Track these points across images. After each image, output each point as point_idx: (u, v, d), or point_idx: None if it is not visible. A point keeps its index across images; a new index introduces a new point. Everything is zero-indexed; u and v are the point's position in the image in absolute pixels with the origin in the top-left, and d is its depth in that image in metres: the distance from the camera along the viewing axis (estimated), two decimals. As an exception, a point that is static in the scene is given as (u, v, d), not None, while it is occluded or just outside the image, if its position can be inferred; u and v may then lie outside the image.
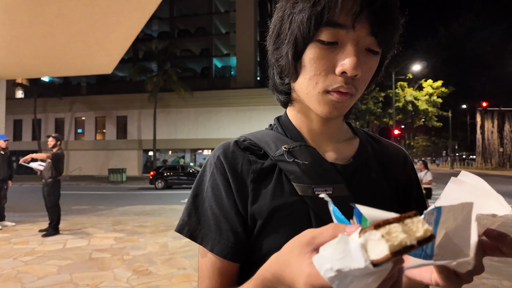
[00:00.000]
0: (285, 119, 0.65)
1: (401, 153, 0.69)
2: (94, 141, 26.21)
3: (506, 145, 41.97)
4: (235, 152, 0.60)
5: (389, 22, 0.50)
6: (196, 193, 0.60)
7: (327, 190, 0.55)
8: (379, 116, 29.24)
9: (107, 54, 5.20)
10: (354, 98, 0.54)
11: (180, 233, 0.59)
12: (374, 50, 0.51)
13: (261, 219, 0.55)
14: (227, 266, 0.56)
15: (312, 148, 0.59)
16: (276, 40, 0.57)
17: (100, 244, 5.07)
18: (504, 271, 4.10)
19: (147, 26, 28.00)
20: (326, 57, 0.51)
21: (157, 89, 21.87)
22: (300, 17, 0.50)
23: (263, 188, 0.57)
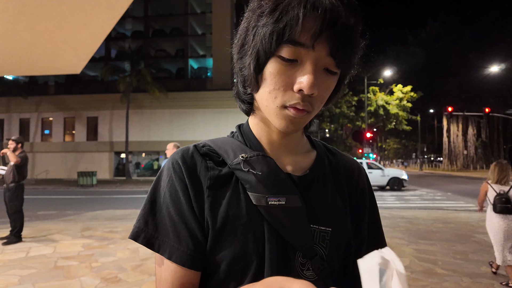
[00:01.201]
0: (246, 128, 0.66)
1: (356, 165, 0.71)
2: (63, 142, 25.08)
3: (470, 148, 44.42)
4: (194, 157, 0.60)
5: (348, 45, 0.51)
6: (153, 199, 0.58)
7: (280, 200, 0.55)
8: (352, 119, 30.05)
9: (76, 54, 5.00)
10: (311, 115, 0.56)
11: (135, 241, 0.57)
12: (332, 70, 0.53)
13: (215, 227, 0.55)
14: (186, 274, 0.55)
15: (270, 158, 0.59)
16: (240, 49, 0.57)
17: (67, 251, 4.86)
18: (465, 268, 4.32)
19: (120, 25, 27.23)
20: (285, 73, 0.52)
21: (130, 89, 21.31)
22: (263, 31, 0.51)
23: (219, 196, 0.57)
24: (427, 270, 4.25)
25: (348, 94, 29.32)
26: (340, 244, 0.59)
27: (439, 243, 5.63)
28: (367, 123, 26.67)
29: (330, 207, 0.60)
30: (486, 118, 40.90)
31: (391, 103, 29.23)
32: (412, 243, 5.65)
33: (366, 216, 0.67)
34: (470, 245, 5.49)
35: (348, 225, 0.62)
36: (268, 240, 0.54)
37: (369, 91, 28.76)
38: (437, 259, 4.71)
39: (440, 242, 5.73)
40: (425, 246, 5.45)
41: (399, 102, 29.43)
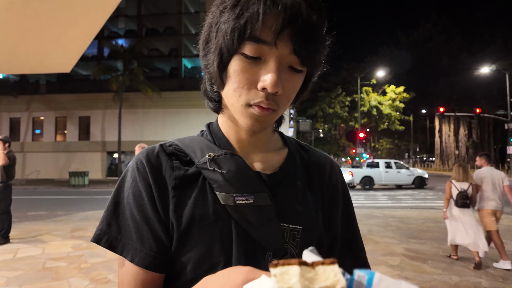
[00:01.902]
0: (215, 126, 0.65)
1: (328, 161, 0.71)
2: (54, 142, 24.79)
3: (461, 148, 44.99)
4: (159, 157, 0.58)
5: (312, 43, 0.50)
6: (117, 200, 0.57)
7: (248, 199, 0.54)
8: (345, 119, 30.24)
9: (65, 52, 4.94)
10: (277, 113, 0.55)
11: (98, 244, 0.55)
12: (297, 68, 0.52)
13: (181, 228, 0.54)
14: (150, 277, 0.53)
15: (238, 156, 0.58)
16: (205, 46, 0.57)
17: (56, 252, 4.80)
18: (454, 268, 4.37)
19: (113, 24, 27.01)
20: (249, 71, 0.51)
21: (123, 88, 21.11)
22: (225, 28, 0.51)
23: (185, 196, 0.56)
24: (417, 269, 4.29)
25: (341, 94, 29.50)
26: (311, 242, 0.58)
27: (429, 242, 5.68)
28: (360, 123, 26.85)
29: (300, 205, 0.59)
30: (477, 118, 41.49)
31: (384, 104, 29.48)
32: (403, 242, 5.70)
33: (339, 212, 0.66)
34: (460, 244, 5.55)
35: (320, 222, 0.62)
36: (236, 239, 0.53)
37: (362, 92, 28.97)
38: (427, 258, 4.75)
39: (430, 241, 5.79)
40: (416, 245, 5.50)
41: (391, 102, 29.70)
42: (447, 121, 45.24)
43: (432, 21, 48.37)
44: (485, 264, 4.45)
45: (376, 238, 5.97)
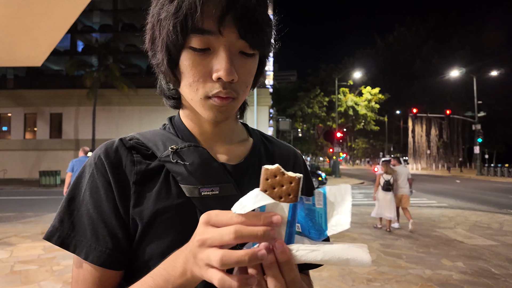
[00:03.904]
0: (178, 120, 0.64)
1: (292, 152, 0.72)
2: (23, 140, 23.60)
3: (432, 148, 46.94)
4: (119, 152, 0.57)
5: (256, 25, 0.50)
6: (72, 196, 0.55)
7: (213, 190, 0.54)
8: (323, 119, 30.73)
9: (36, 45, 4.71)
10: (237, 100, 0.54)
11: (49, 241, 0.53)
12: (248, 52, 0.52)
13: (143, 223, 0.52)
14: (105, 274, 0.52)
15: (202, 148, 0.58)
16: (152, 46, 0.56)
17: (25, 255, 4.57)
18: (427, 261, 4.55)
19: (87, 17, 26.06)
20: (201, 63, 0.51)
21: (97, 85, 20.41)
22: (166, 24, 0.50)
23: (147, 190, 0.54)
24: (392, 264, 4.42)
25: (320, 95, 29.96)
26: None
27: (403, 238, 5.88)
28: (337, 123, 27.38)
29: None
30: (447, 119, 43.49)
31: (360, 104, 30.20)
32: (379, 238, 5.87)
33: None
34: (432, 239, 5.78)
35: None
36: None
37: (340, 92, 29.54)
38: (401, 253, 4.91)
39: (404, 237, 5.99)
40: (391, 241, 5.68)
41: (367, 103, 30.47)
42: (419, 122, 47.07)
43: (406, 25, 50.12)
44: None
45: (354, 234, 6.10)
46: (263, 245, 0.38)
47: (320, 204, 0.42)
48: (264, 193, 0.41)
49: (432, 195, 13.77)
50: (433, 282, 3.78)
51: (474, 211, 9.18)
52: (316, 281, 3.75)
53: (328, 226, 0.41)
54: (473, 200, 11.84)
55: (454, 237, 5.93)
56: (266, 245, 0.38)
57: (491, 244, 5.44)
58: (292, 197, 0.40)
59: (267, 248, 0.38)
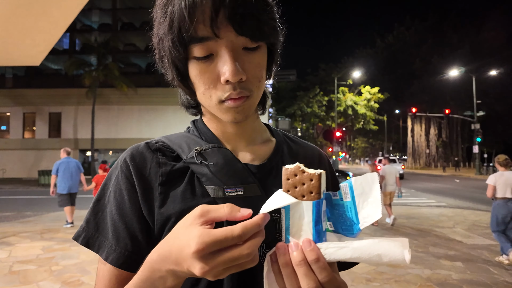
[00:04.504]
0: (200, 122, 0.65)
1: (316, 152, 0.72)
2: (22, 139, 23.56)
3: (432, 147, 46.98)
4: (144, 154, 0.58)
5: (251, 16, 0.48)
6: (99, 198, 0.57)
7: (238, 191, 0.54)
8: (323, 119, 30.74)
9: (34, 45, 4.71)
10: (253, 97, 0.54)
11: (76, 241, 0.55)
12: (252, 47, 0.51)
13: (170, 223, 0.53)
14: (123, 275, 0.53)
15: (226, 149, 0.59)
16: (162, 64, 0.57)
17: (24, 255, 4.56)
18: (426, 261, 4.55)
19: (86, 16, 26.00)
20: (208, 71, 0.51)
21: (97, 84, 20.38)
22: (166, 41, 0.51)
23: (173, 191, 0.55)
24: (391, 264, 4.42)
25: (319, 94, 29.96)
26: None
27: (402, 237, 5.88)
28: (337, 122, 27.39)
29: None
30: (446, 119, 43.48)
31: (359, 104, 30.21)
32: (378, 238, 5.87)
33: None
34: (431, 239, 5.79)
35: None
36: None
37: (339, 92, 29.54)
38: (400, 253, 4.91)
39: (403, 236, 5.97)
40: (390, 240, 5.68)
41: (367, 102, 30.48)
42: (418, 121, 47.08)
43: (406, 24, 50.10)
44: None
45: (353, 234, 6.12)
46: (293, 244, 0.39)
47: (348, 198, 0.41)
48: (287, 193, 0.41)
49: (431, 194, 13.79)
50: (432, 282, 3.78)
51: (473, 210, 9.20)
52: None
53: (359, 219, 0.40)
54: (472, 200, 11.85)
55: (453, 237, 5.93)
56: (295, 243, 0.39)
57: (490, 244, 5.44)
58: (315, 195, 0.39)
59: (295, 245, 0.39)
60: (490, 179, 4.50)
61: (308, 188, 0.40)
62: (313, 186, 0.40)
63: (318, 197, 0.39)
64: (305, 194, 0.40)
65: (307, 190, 0.40)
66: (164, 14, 0.50)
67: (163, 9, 0.50)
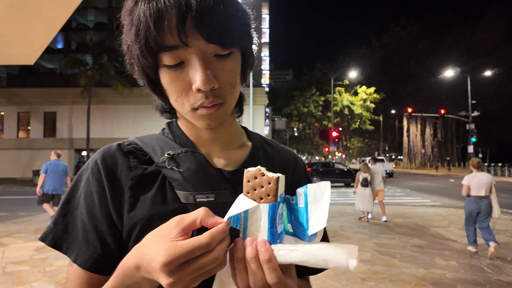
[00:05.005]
0: (175, 125, 0.64)
1: (292, 157, 0.71)
2: (16, 139, 23.36)
3: (427, 147, 47.29)
4: (115, 156, 0.57)
5: (219, 24, 0.47)
6: (68, 199, 0.56)
7: (209, 197, 0.54)
8: (319, 118, 30.83)
9: (28, 44, 4.66)
10: (227, 104, 0.54)
11: (43, 242, 0.54)
12: (223, 54, 0.50)
13: (138, 228, 0.52)
14: (92, 278, 0.52)
15: (199, 154, 0.58)
16: (133, 71, 0.56)
17: (17, 255, 4.52)
18: (420, 260, 4.57)
19: (82, 15, 25.85)
20: (179, 79, 0.50)
21: (92, 83, 20.24)
22: (134, 50, 0.50)
23: (142, 195, 0.54)
24: (386, 263, 4.44)
25: (315, 94, 30.04)
26: None
27: (397, 237, 5.91)
28: (333, 122, 27.47)
29: None
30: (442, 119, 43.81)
31: (356, 104, 30.34)
32: (373, 237, 5.89)
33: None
34: (426, 238, 5.82)
35: None
36: None
37: (335, 92, 29.63)
38: (395, 252, 4.94)
39: (398, 236, 6.02)
40: (385, 240, 5.70)
41: (363, 102, 30.62)
42: (414, 121, 47.35)
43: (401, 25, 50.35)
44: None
45: (348, 233, 6.13)
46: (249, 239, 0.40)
47: (302, 203, 0.43)
48: (246, 196, 0.42)
49: (426, 194, 13.87)
50: (426, 281, 3.80)
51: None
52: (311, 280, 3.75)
53: (309, 226, 0.41)
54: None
55: (447, 236, 5.97)
56: (251, 240, 0.40)
57: (484, 243, 5.49)
58: (271, 197, 0.41)
59: (250, 242, 0.40)
60: (465, 179, 5.06)
61: (266, 191, 0.41)
62: (271, 189, 0.41)
63: (274, 200, 0.41)
64: (263, 197, 0.41)
65: (265, 192, 0.41)
66: (131, 22, 0.49)
67: (129, 16, 0.49)
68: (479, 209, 4.88)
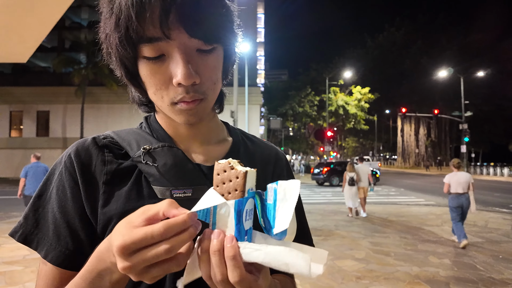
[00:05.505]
0: (153, 119, 0.62)
1: (273, 152, 0.70)
2: (8, 138, 23.09)
3: (421, 147, 47.68)
4: (90, 151, 0.55)
5: (203, 18, 0.46)
6: (40, 194, 0.54)
7: (186, 192, 0.53)
8: (314, 118, 30.93)
9: (21, 41, 4.61)
10: (207, 100, 0.52)
11: (13, 237, 0.52)
12: (206, 49, 0.49)
13: (112, 223, 0.51)
14: (63, 274, 0.51)
15: (177, 149, 0.56)
16: (110, 61, 0.54)
17: (10, 255, 4.47)
18: (414, 258, 4.61)
19: (75, 13, 25.64)
20: (159, 71, 0.49)
21: (86, 82, 20.09)
22: (113, 39, 0.48)
23: (117, 191, 0.53)
24: (381, 261, 4.47)
25: (310, 94, 30.12)
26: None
27: (392, 236, 5.96)
28: (328, 122, 27.58)
29: None
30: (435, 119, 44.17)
31: (350, 104, 30.49)
32: (368, 236, 5.93)
33: None
34: (420, 237, 5.87)
35: None
36: None
37: (330, 92, 29.75)
38: (390, 251, 4.98)
39: (393, 234, 6.07)
40: (380, 239, 5.74)
41: (357, 102, 30.78)
42: (408, 121, 47.71)
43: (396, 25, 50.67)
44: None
45: (343, 232, 6.15)
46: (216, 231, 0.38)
47: (271, 200, 0.41)
48: (215, 190, 0.41)
49: (420, 193, 14.00)
50: (420, 279, 3.83)
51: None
52: (305, 278, 3.77)
53: (275, 224, 0.39)
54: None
55: (441, 235, 6.03)
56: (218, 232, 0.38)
57: (477, 241, 5.55)
58: (238, 193, 0.39)
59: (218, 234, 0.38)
60: (446, 178, 5.54)
61: (234, 186, 0.40)
62: (238, 184, 0.39)
63: (241, 196, 0.39)
64: (230, 191, 0.40)
65: (233, 187, 0.40)
66: (110, 10, 0.47)
67: (109, 4, 0.47)
68: (461, 204, 5.29)
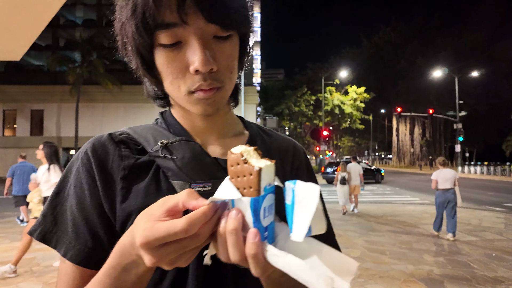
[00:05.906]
0: (169, 114, 0.62)
1: (291, 144, 0.70)
2: (2, 137, 22.85)
3: (416, 146, 48.00)
4: (106, 146, 0.55)
5: (221, 4, 0.46)
6: (58, 191, 0.54)
7: (205, 186, 0.52)
8: (310, 118, 30.97)
9: (14, 39, 4.55)
10: (224, 89, 0.52)
11: (32, 236, 0.52)
12: (223, 35, 0.48)
13: (131, 219, 0.50)
14: (83, 272, 0.50)
15: (194, 143, 0.56)
16: (125, 51, 0.53)
17: (3, 256, 4.43)
18: (409, 257, 4.64)
19: (70, 12, 25.41)
20: (176, 59, 0.48)
21: (81, 81, 19.93)
22: (129, 27, 0.47)
23: (135, 186, 0.52)
24: (376, 260, 4.49)
25: (307, 93, 30.16)
26: None
27: (387, 234, 5.99)
28: (324, 121, 27.65)
29: None
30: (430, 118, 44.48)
31: (346, 103, 30.56)
32: (363, 235, 5.95)
33: None
34: (414, 235, 5.92)
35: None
36: None
37: (326, 91, 29.82)
38: (385, 249, 5.00)
39: (388, 233, 6.10)
40: (375, 237, 5.77)
41: (353, 102, 30.86)
42: (403, 121, 47.98)
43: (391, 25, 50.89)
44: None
45: (338, 231, 6.17)
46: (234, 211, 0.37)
47: (289, 201, 0.38)
48: (231, 183, 0.38)
49: (415, 192, 14.09)
50: (415, 277, 3.86)
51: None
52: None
53: (292, 229, 0.36)
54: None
55: (435, 233, 6.08)
56: (237, 210, 0.37)
57: (470, 240, 5.61)
58: (253, 191, 0.36)
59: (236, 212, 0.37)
60: (433, 175, 5.96)
61: (248, 183, 0.37)
62: (252, 182, 0.36)
63: (256, 194, 0.36)
64: (246, 187, 0.37)
65: (247, 184, 0.37)
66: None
67: None
68: (447, 199, 5.71)
